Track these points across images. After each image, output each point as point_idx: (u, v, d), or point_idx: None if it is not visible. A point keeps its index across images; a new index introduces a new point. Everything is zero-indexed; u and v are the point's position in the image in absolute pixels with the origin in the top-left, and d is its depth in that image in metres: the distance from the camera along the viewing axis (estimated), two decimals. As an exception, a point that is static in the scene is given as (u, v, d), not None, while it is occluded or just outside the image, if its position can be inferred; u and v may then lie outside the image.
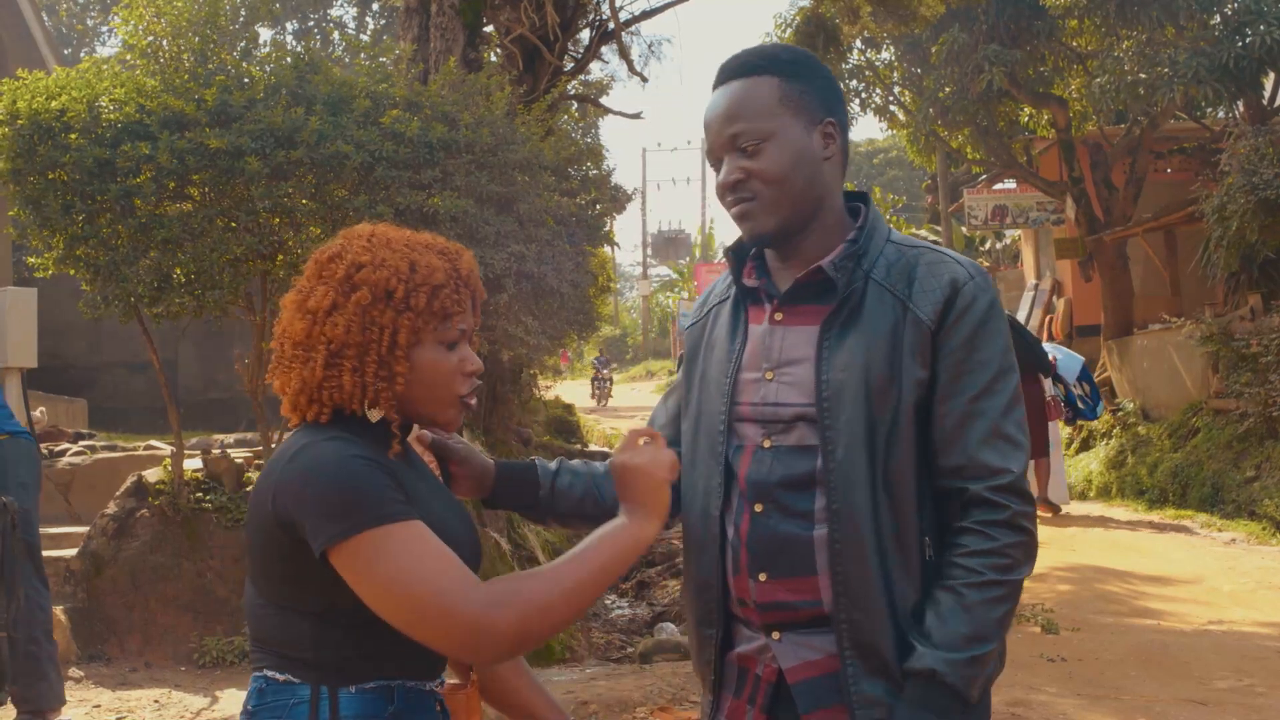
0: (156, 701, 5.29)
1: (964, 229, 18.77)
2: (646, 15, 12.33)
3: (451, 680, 1.72)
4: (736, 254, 1.81)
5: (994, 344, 1.63)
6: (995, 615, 1.59)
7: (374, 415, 1.57)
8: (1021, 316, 17.71)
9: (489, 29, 10.13)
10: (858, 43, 16.05)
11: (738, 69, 1.72)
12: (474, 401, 1.63)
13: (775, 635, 1.66)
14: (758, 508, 1.66)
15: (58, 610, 5.47)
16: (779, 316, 1.72)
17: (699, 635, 1.77)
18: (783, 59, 1.71)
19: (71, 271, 6.22)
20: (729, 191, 1.70)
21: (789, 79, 1.69)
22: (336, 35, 22.98)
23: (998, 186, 18.76)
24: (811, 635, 1.64)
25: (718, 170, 1.72)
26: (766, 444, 1.68)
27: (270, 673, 1.55)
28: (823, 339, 1.65)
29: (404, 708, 1.55)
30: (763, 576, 1.65)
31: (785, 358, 1.69)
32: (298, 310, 1.58)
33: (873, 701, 1.59)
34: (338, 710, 1.51)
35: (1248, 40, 11.24)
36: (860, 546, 1.59)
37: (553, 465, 1.90)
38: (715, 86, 1.74)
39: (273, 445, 6.33)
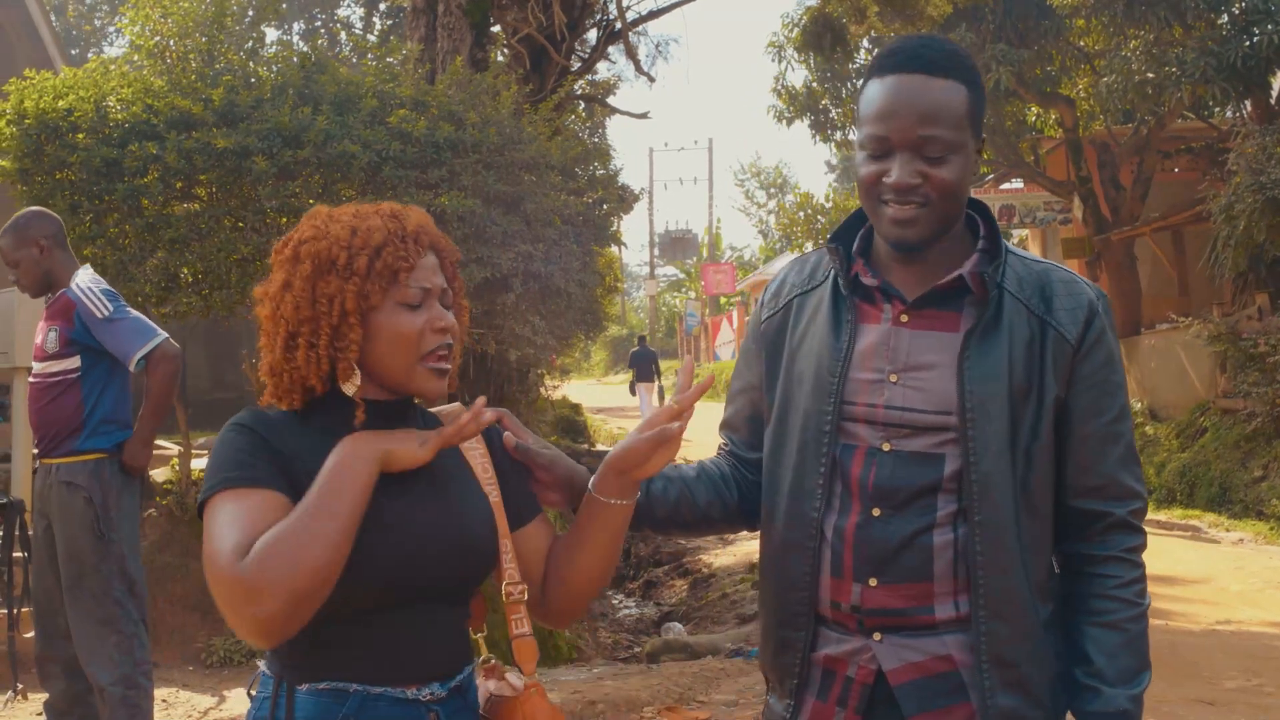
0: (164, 701, 5.29)
1: (971, 229, 18.71)
2: (654, 15, 12.35)
3: (498, 690, 1.62)
4: (845, 246, 1.73)
5: (1120, 367, 1.67)
6: (1148, 641, 1.64)
7: (348, 389, 1.53)
8: (1028, 316, 17.64)
9: (496, 29, 10.12)
10: (865, 42, 16.01)
11: (927, 65, 1.60)
12: (447, 365, 1.55)
13: (877, 636, 1.63)
14: (875, 511, 1.63)
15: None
16: (905, 319, 1.66)
17: (779, 637, 1.72)
18: (967, 65, 1.64)
19: (79, 271, 6.22)
20: (902, 193, 1.60)
21: (972, 89, 1.63)
22: (343, 35, 22.98)
23: (1005, 186, 18.74)
24: (914, 638, 1.62)
25: (877, 159, 1.62)
26: (886, 447, 1.64)
27: (262, 666, 1.56)
28: (965, 347, 1.62)
29: (360, 713, 1.47)
30: (873, 581, 1.62)
31: (914, 362, 1.64)
32: (261, 298, 1.57)
33: (1008, 715, 1.58)
34: (293, 708, 1.47)
35: (1255, 39, 11.20)
36: (1005, 556, 1.59)
37: None
38: (895, 71, 1.62)
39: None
